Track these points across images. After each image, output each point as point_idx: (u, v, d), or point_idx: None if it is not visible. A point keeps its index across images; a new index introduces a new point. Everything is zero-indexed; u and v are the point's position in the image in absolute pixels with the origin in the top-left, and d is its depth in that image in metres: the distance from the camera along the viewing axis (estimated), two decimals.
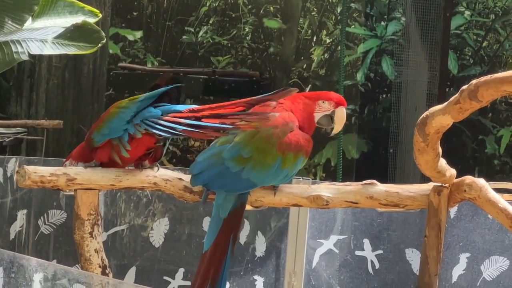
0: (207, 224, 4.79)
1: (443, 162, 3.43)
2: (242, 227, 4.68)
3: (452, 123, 3.21)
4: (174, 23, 9.80)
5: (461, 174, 3.58)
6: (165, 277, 4.94)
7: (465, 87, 3.07)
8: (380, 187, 3.53)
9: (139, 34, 9.87)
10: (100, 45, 4.51)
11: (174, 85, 3.53)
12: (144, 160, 3.50)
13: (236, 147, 3.37)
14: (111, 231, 5.04)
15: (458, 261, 4.58)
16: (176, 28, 9.80)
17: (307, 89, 9.30)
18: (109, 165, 3.48)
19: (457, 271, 4.57)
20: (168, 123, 3.36)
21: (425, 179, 3.58)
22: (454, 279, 4.57)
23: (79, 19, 4.64)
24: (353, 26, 9.46)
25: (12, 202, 5.21)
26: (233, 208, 3.40)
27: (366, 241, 4.76)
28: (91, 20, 4.62)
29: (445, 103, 3.16)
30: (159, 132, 3.35)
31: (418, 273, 3.64)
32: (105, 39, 4.53)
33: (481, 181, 3.48)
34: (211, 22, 9.78)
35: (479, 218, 4.56)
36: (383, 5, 9.47)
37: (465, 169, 7.52)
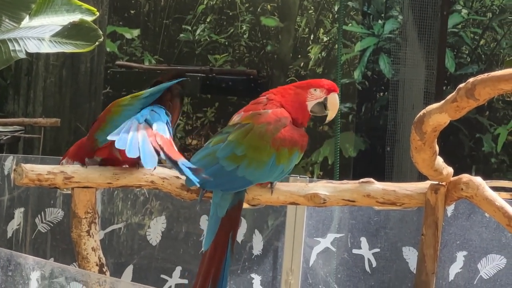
0: (204, 223, 4.80)
1: (440, 160, 3.43)
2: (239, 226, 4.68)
3: (449, 121, 3.21)
4: (171, 21, 9.80)
5: (458, 172, 3.58)
6: (162, 276, 4.94)
7: (462, 85, 3.06)
8: (377, 185, 3.53)
9: (136, 32, 9.87)
10: (97, 43, 4.51)
11: (177, 80, 3.52)
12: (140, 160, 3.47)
13: (230, 145, 3.37)
14: (109, 229, 5.03)
15: (455, 260, 4.58)
16: (174, 26, 9.80)
17: None
18: (109, 162, 3.46)
19: (454, 270, 4.57)
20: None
21: (422, 177, 3.58)
22: (451, 277, 4.57)
23: (76, 17, 4.65)
24: (350, 25, 9.47)
25: (9, 201, 5.20)
26: (231, 207, 3.40)
27: (363, 239, 4.75)
28: (89, 18, 4.62)
29: (442, 102, 3.16)
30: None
31: (415, 272, 3.64)
32: (103, 37, 4.54)
33: (478, 180, 3.48)
34: (208, 20, 9.77)
35: (476, 217, 4.56)
36: (380, 4, 9.47)
37: (462, 167, 7.50)
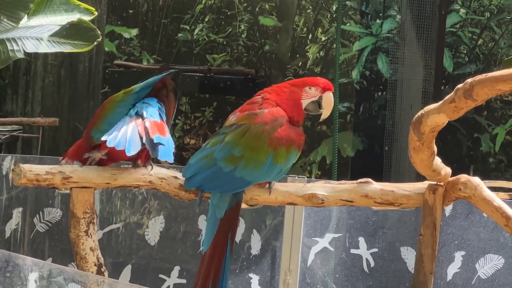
0: (202, 222, 4.80)
1: (438, 160, 3.43)
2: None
3: (447, 121, 3.21)
4: (169, 21, 9.80)
5: (456, 172, 3.58)
6: (160, 275, 4.94)
7: (460, 86, 3.06)
8: (375, 186, 3.53)
9: (134, 32, 9.86)
10: (95, 43, 4.51)
11: (168, 72, 3.52)
12: (137, 160, 3.47)
13: (227, 146, 3.36)
14: (107, 229, 5.03)
15: (453, 259, 4.58)
16: (172, 26, 9.79)
17: None
18: (113, 156, 3.45)
19: (452, 269, 4.57)
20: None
21: (420, 178, 3.58)
22: (449, 277, 4.57)
23: (74, 17, 4.64)
24: (348, 24, 9.46)
25: (7, 200, 5.20)
26: (229, 208, 3.39)
27: (361, 240, 4.75)
28: (87, 18, 4.62)
29: (440, 102, 3.15)
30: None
31: (413, 272, 3.64)
32: (101, 37, 4.53)
33: (476, 180, 3.48)
34: (206, 20, 9.77)
35: (474, 217, 4.56)
36: (378, 3, 9.47)
37: (460, 167, 7.53)
